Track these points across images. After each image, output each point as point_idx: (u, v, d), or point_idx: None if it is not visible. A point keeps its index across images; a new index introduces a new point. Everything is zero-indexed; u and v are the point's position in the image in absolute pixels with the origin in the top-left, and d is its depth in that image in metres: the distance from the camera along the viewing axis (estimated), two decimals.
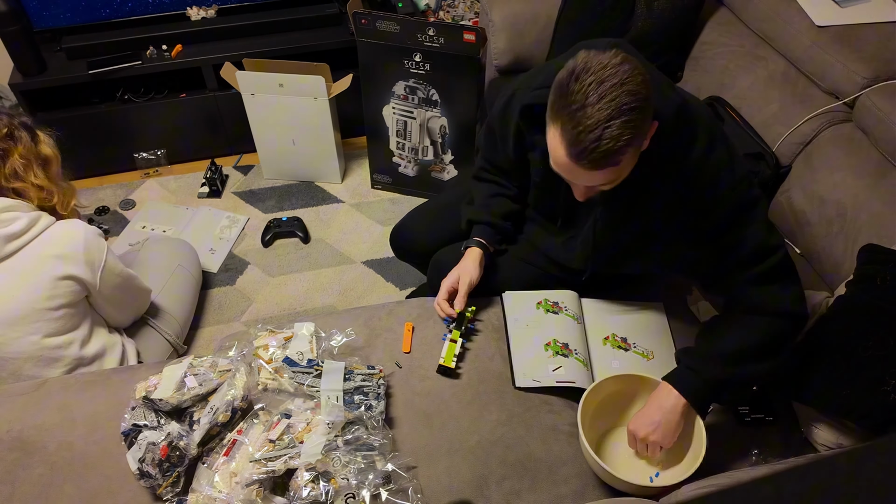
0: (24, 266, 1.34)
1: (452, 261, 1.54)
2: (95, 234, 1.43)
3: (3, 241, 1.32)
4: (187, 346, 1.90)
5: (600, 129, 0.98)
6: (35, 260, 1.35)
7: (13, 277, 1.34)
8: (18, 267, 1.34)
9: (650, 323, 1.51)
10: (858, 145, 1.62)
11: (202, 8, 2.47)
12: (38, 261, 1.35)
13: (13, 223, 1.32)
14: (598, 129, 0.98)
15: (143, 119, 2.47)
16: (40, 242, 1.36)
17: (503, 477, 1.22)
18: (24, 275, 1.34)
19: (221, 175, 2.54)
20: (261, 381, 1.31)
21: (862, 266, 1.28)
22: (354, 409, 1.21)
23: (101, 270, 1.43)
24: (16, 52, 2.22)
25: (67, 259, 1.37)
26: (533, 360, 1.40)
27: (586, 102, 0.98)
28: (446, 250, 1.61)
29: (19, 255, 1.34)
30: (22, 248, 1.34)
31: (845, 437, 1.31)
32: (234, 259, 2.27)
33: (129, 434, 1.19)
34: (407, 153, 2.42)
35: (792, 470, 0.45)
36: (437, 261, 1.62)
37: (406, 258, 1.82)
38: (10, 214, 1.33)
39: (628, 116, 0.97)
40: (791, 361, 1.29)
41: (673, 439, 1.22)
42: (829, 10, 1.80)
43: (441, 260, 1.60)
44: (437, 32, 2.05)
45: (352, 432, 1.16)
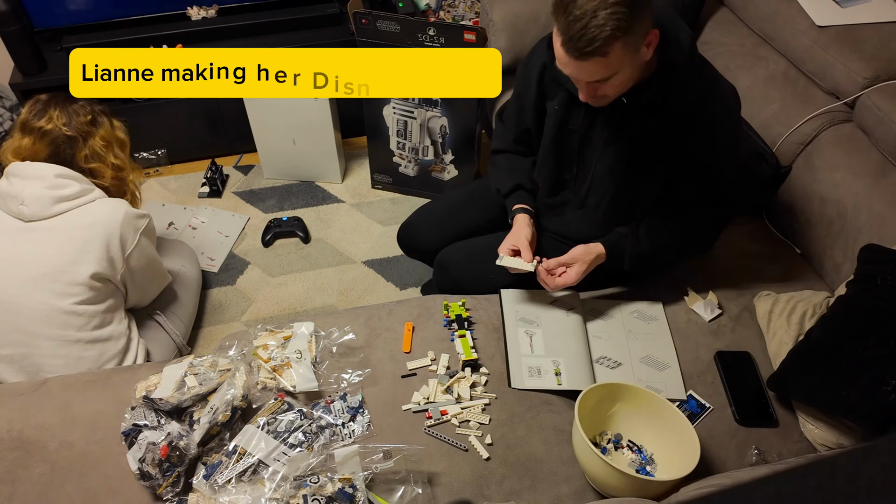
0: (61, 228, 1.42)
1: (458, 260, 1.58)
2: (135, 216, 1.50)
3: (53, 201, 1.41)
4: (190, 346, 1.90)
5: (587, 18, 1.06)
6: (73, 225, 1.42)
7: (49, 237, 1.41)
8: (57, 229, 1.42)
9: (649, 323, 1.51)
10: (859, 145, 1.62)
11: (202, 8, 2.47)
12: (75, 226, 1.43)
13: (67, 187, 1.43)
14: (585, 18, 1.07)
15: (143, 119, 2.47)
16: (82, 211, 1.44)
17: (503, 477, 1.22)
18: (59, 236, 1.42)
19: (222, 175, 2.54)
20: (260, 380, 1.31)
21: (862, 266, 1.28)
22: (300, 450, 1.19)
23: (131, 249, 1.49)
24: (16, 52, 2.22)
25: (103, 230, 1.44)
26: (530, 361, 1.40)
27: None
28: (451, 249, 1.63)
29: (62, 218, 1.42)
30: (66, 212, 1.42)
31: (845, 437, 1.31)
32: (235, 259, 2.27)
33: (130, 434, 1.19)
34: (407, 153, 2.42)
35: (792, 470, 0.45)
36: (442, 260, 1.63)
37: (414, 255, 1.85)
38: (65, 181, 1.43)
39: (614, 9, 1.06)
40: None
41: (577, 276, 1.41)
42: (830, 10, 1.80)
43: (446, 259, 1.62)
44: (437, 32, 2.04)
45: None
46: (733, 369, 1.43)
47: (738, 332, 1.51)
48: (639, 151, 1.34)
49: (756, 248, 1.72)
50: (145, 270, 1.57)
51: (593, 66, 1.13)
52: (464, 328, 1.44)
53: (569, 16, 1.08)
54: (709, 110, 1.29)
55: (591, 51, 1.09)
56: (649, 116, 1.29)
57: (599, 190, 1.43)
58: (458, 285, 1.60)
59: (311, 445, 1.19)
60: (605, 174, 1.40)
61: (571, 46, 1.11)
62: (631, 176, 1.38)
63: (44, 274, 1.40)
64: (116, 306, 1.54)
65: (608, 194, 1.43)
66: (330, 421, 1.26)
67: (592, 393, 1.24)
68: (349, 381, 1.34)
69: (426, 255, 1.76)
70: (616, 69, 1.15)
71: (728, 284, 1.60)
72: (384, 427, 1.28)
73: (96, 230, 1.43)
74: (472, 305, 1.52)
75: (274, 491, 1.10)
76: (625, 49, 1.11)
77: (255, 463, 1.14)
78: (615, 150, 1.36)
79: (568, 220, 1.54)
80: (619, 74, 1.17)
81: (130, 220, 1.49)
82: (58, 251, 1.41)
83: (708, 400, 1.38)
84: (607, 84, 1.19)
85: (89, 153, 1.51)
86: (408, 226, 1.78)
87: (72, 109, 1.50)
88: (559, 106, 1.39)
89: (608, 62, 1.12)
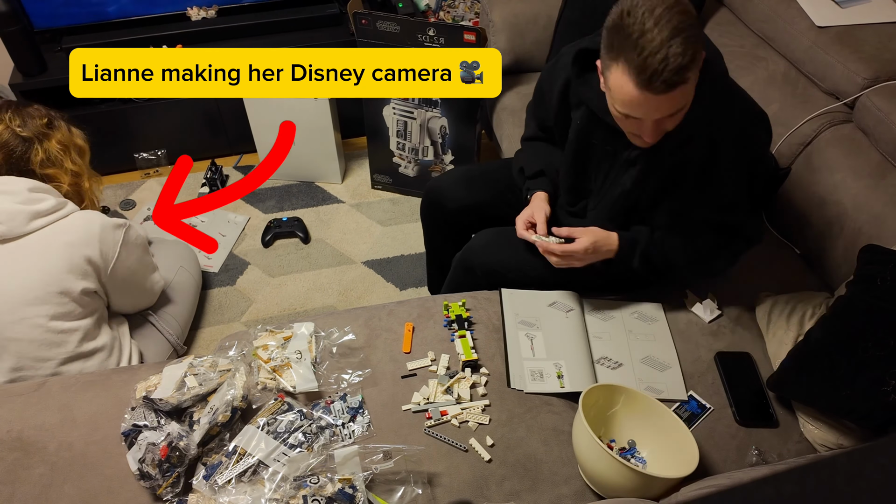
0: (41, 246, 1.38)
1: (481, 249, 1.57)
2: (112, 227, 1.46)
3: (29, 218, 1.36)
4: (187, 346, 1.90)
5: (665, 49, 1.03)
6: (53, 243, 1.38)
7: (30, 257, 1.37)
8: (37, 247, 1.37)
9: (649, 324, 1.51)
10: (858, 146, 1.62)
11: (202, 8, 2.47)
12: (55, 244, 1.38)
13: (41, 202, 1.38)
14: (663, 49, 1.03)
15: (143, 119, 2.47)
16: (60, 227, 1.40)
17: (503, 477, 1.22)
18: (41, 255, 1.37)
19: (222, 175, 2.54)
20: (260, 380, 1.31)
21: (862, 266, 1.28)
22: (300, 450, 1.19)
23: (114, 261, 1.46)
24: (16, 52, 2.22)
25: (83, 246, 1.40)
26: (530, 362, 1.40)
27: (644, 29, 1.04)
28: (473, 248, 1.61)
29: (39, 235, 1.38)
30: (43, 227, 1.38)
31: (845, 437, 1.31)
32: (235, 259, 2.27)
33: (129, 434, 1.19)
34: (407, 153, 2.42)
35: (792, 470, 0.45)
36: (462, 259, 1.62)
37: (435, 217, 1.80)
38: (40, 195, 1.39)
39: (687, 33, 1.04)
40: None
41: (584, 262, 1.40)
42: (830, 10, 1.80)
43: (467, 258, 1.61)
44: (437, 33, 2.05)
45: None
46: (733, 370, 1.43)
47: (738, 332, 1.51)
48: (662, 171, 1.31)
49: (756, 249, 1.71)
50: (130, 280, 1.55)
51: (676, 97, 1.09)
52: (464, 328, 1.44)
53: (643, 51, 1.04)
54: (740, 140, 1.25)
55: (677, 80, 1.05)
56: (678, 142, 1.25)
57: (616, 205, 1.42)
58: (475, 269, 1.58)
59: (310, 446, 1.19)
60: (619, 194, 1.39)
61: (655, 81, 1.05)
62: (650, 194, 1.36)
63: (34, 297, 1.36)
64: (104, 315, 1.53)
65: (624, 210, 1.41)
66: (330, 421, 1.26)
67: (594, 392, 1.24)
68: (349, 381, 1.34)
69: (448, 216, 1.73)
70: (690, 97, 1.12)
71: (728, 285, 1.60)
72: (384, 427, 1.28)
73: (77, 247, 1.40)
74: (472, 305, 1.52)
75: (274, 491, 1.10)
76: (696, 73, 1.09)
77: (254, 463, 1.14)
78: (640, 169, 1.33)
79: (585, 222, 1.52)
80: (686, 103, 1.14)
81: (108, 232, 1.45)
82: (43, 272, 1.37)
83: (708, 400, 1.38)
84: (673, 117, 1.15)
85: (45, 157, 1.45)
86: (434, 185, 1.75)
87: (27, 112, 1.46)
88: (581, 120, 1.38)
89: (687, 90, 1.09)
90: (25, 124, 1.43)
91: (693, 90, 1.12)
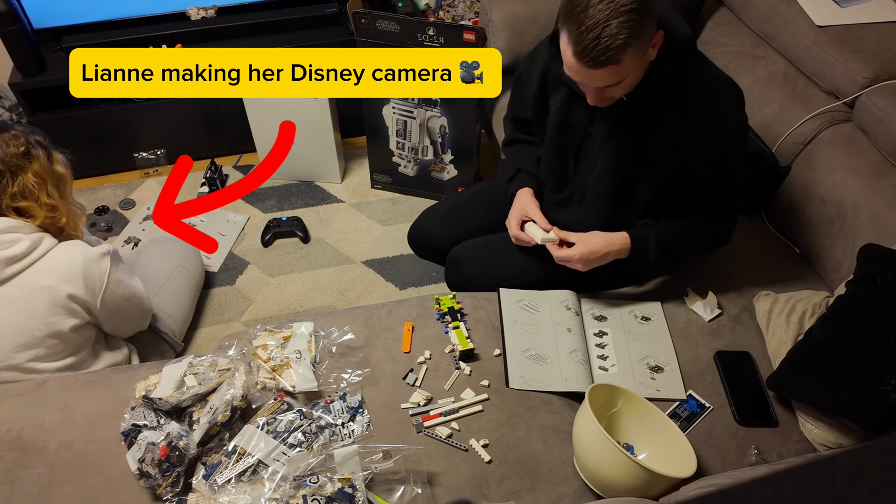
0: (22, 292, 1.30)
1: (471, 257, 1.61)
2: (96, 257, 1.37)
3: (3, 265, 1.27)
4: (184, 344, 1.90)
5: (600, 28, 1.07)
6: (34, 287, 1.30)
7: (11, 304, 1.30)
8: (17, 293, 1.30)
9: (648, 323, 1.51)
10: (858, 145, 1.62)
11: (202, 8, 2.47)
12: (36, 288, 1.30)
13: (14, 245, 1.28)
14: (597, 28, 1.07)
15: (143, 119, 2.47)
16: (40, 268, 1.31)
17: (503, 477, 1.22)
18: (23, 302, 1.30)
19: (221, 175, 2.54)
20: (260, 380, 1.31)
21: (862, 266, 1.28)
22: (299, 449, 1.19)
23: (102, 293, 1.38)
24: (15, 52, 2.22)
25: (65, 284, 1.32)
26: (528, 361, 1.40)
27: (588, 4, 1.07)
28: (462, 246, 1.65)
29: (17, 281, 1.29)
30: (21, 272, 1.29)
31: (845, 437, 1.31)
32: (234, 259, 2.27)
33: (129, 434, 1.19)
34: (407, 153, 2.42)
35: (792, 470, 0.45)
36: (454, 255, 1.64)
37: (426, 255, 1.86)
38: (12, 236, 1.28)
39: (626, 17, 1.06)
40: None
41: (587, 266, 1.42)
42: (829, 10, 1.80)
43: (457, 253, 1.64)
44: (437, 32, 2.04)
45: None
46: (733, 369, 1.43)
47: (738, 332, 1.51)
48: (638, 148, 1.35)
49: (756, 248, 1.72)
50: (124, 307, 1.48)
51: (606, 73, 1.14)
52: (457, 319, 1.45)
53: (581, 26, 1.08)
54: (710, 104, 1.29)
55: (605, 59, 1.10)
56: (649, 112, 1.30)
57: (599, 186, 1.43)
58: (469, 281, 1.61)
59: (310, 445, 1.19)
60: (604, 171, 1.41)
61: (585, 56, 1.11)
62: (630, 172, 1.38)
63: (22, 344, 1.32)
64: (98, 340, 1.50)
65: (607, 191, 1.43)
66: (329, 421, 1.26)
67: (598, 390, 1.24)
68: (349, 381, 1.34)
69: (437, 254, 1.78)
70: (627, 74, 1.16)
71: (728, 284, 1.60)
72: (384, 427, 1.28)
73: (59, 287, 1.31)
74: (471, 304, 1.52)
75: (273, 491, 1.10)
76: (635, 54, 1.13)
77: (254, 463, 1.14)
78: (614, 147, 1.36)
79: (572, 213, 1.54)
80: (629, 77, 1.18)
81: (92, 264, 1.35)
82: (28, 318, 1.30)
83: (708, 400, 1.38)
84: (616, 87, 1.20)
85: (18, 191, 1.31)
86: (417, 226, 1.80)
87: (3, 140, 1.31)
88: (561, 103, 1.40)
89: (620, 69, 1.13)
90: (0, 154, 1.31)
91: (635, 66, 1.17)
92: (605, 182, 1.42)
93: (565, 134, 1.43)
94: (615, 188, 1.42)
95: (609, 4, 1.06)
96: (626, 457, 1.10)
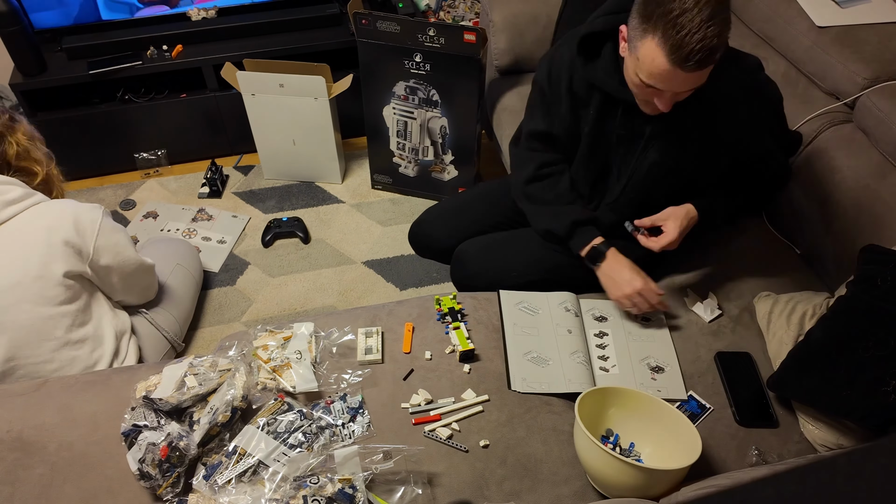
0: (19, 232, 1.39)
1: (476, 254, 1.61)
2: (87, 208, 1.47)
3: (1, 206, 1.37)
4: (185, 344, 1.90)
5: (703, 30, 1.07)
6: (29, 229, 1.39)
7: (6, 244, 1.38)
8: (14, 233, 1.39)
9: (648, 323, 1.51)
10: (859, 146, 1.62)
11: (202, 8, 2.47)
12: (32, 229, 1.40)
13: (10, 192, 1.39)
14: (701, 30, 1.07)
15: (143, 119, 2.47)
16: (35, 212, 1.41)
17: (503, 477, 1.22)
18: (17, 242, 1.39)
19: (222, 175, 2.54)
20: (260, 381, 1.31)
21: (862, 267, 1.28)
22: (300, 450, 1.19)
23: (95, 238, 1.46)
24: (16, 53, 2.22)
25: (59, 229, 1.41)
26: (530, 363, 1.40)
27: (685, 7, 1.08)
28: (469, 243, 1.65)
29: (14, 222, 1.39)
30: (18, 214, 1.39)
31: (845, 437, 1.30)
32: (235, 259, 2.27)
33: (129, 434, 1.19)
34: (407, 153, 2.42)
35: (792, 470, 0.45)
36: (461, 252, 1.65)
37: (427, 254, 1.85)
38: (6, 187, 1.40)
39: (723, 15, 1.09)
40: None
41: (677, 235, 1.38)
42: (830, 10, 1.80)
43: (465, 251, 1.64)
44: (437, 33, 2.05)
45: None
46: (733, 370, 1.43)
47: (738, 332, 1.51)
48: (683, 143, 1.35)
49: (756, 249, 1.72)
50: (123, 263, 1.53)
51: (703, 75, 1.15)
52: (457, 320, 1.45)
53: (681, 29, 1.08)
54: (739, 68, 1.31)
55: (708, 60, 1.11)
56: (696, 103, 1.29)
57: (635, 188, 1.44)
58: (473, 279, 1.60)
59: (310, 446, 1.19)
60: (644, 172, 1.41)
61: (688, 60, 1.10)
62: (678, 169, 1.39)
63: (16, 283, 1.37)
64: (95, 302, 1.53)
65: (645, 192, 1.44)
66: (330, 421, 1.26)
67: (589, 397, 1.23)
68: (349, 381, 1.34)
69: (437, 254, 1.77)
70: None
71: (728, 285, 1.60)
72: (384, 427, 1.28)
73: (54, 229, 1.41)
74: (471, 304, 1.52)
75: (274, 491, 1.10)
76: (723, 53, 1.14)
77: (254, 463, 1.14)
78: (663, 146, 1.36)
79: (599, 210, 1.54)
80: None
81: (84, 212, 1.46)
82: (22, 258, 1.38)
83: (708, 400, 1.38)
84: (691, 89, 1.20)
85: (17, 150, 1.47)
86: (419, 224, 1.80)
87: None
88: (594, 110, 1.38)
89: (710, 69, 1.15)
90: None
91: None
92: (645, 183, 1.42)
93: (602, 140, 1.42)
94: (653, 188, 1.42)
95: (706, 5, 1.07)
96: (623, 462, 1.10)
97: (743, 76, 1.31)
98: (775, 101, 1.40)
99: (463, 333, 1.41)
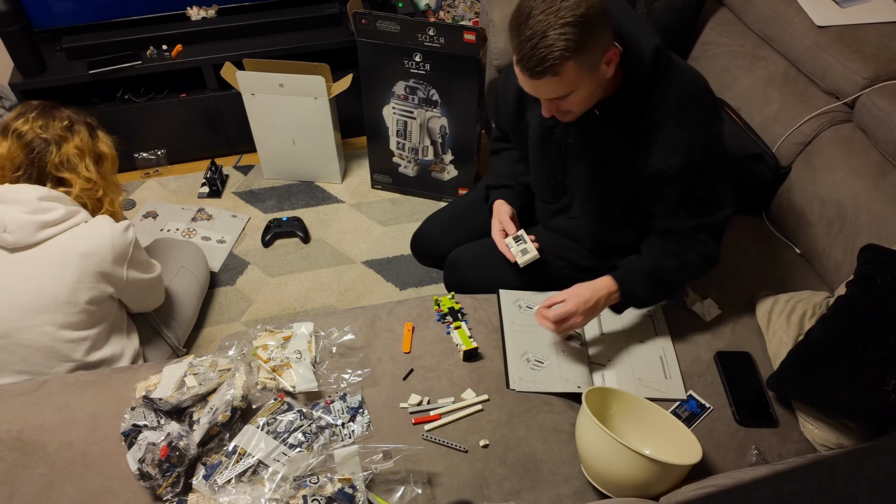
0: (54, 256, 1.39)
1: (471, 261, 1.61)
2: (122, 230, 1.47)
3: (38, 227, 1.37)
4: (187, 348, 1.90)
5: (537, 39, 1.07)
6: (64, 252, 1.39)
7: (42, 266, 1.38)
8: (49, 256, 1.39)
9: (648, 323, 1.51)
10: (859, 146, 1.62)
11: (202, 8, 2.47)
12: (67, 254, 1.39)
13: (51, 211, 1.39)
14: (535, 39, 1.08)
15: (143, 119, 2.47)
16: (71, 236, 1.40)
17: (503, 477, 1.22)
18: (53, 265, 1.38)
19: (221, 175, 2.54)
20: (260, 380, 1.31)
21: (862, 266, 1.28)
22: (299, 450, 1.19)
23: (126, 264, 1.47)
24: (16, 52, 2.22)
25: (95, 256, 1.41)
26: (528, 363, 1.40)
27: (530, 15, 1.08)
28: (461, 249, 1.64)
29: (50, 244, 1.39)
30: (53, 237, 1.39)
31: (845, 437, 1.31)
32: (234, 259, 2.27)
33: (129, 434, 1.19)
34: (407, 153, 2.42)
35: (792, 470, 0.45)
36: (453, 258, 1.64)
37: (429, 262, 1.85)
38: (50, 204, 1.39)
39: (563, 30, 1.06)
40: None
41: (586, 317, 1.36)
42: (830, 10, 1.80)
43: (457, 257, 1.63)
44: (437, 32, 2.05)
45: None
46: (733, 369, 1.43)
47: (738, 332, 1.51)
48: (609, 161, 1.33)
49: (756, 248, 1.72)
50: (142, 281, 1.55)
51: (547, 84, 1.14)
52: (458, 319, 1.45)
53: (521, 35, 1.10)
54: (682, 116, 1.25)
55: (542, 70, 1.10)
56: (618, 126, 1.28)
57: (584, 195, 1.43)
58: (467, 285, 1.60)
59: (310, 446, 1.19)
60: (585, 181, 1.40)
61: (524, 65, 1.12)
62: (609, 186, 1.37)
63: (43, 306, 1.38)
64: (115, 322, 1.53)
65: (592, 200, 1.42)
66: (330, 421, 1.26)
67: (593, 394, 1.24)
68: (349, 381, 1.34)
69: (440, 262, 1.76)
70: (572, 87, 1.15)
71: (728, 284, 1.60)
72: (384, 427, 1.28)
73: (89, 256, 1.40)
74: (471, 304, 1.52)
75: (274, 491, 1.10)
76: (579, 68, 1.11)
77: (254, 463, 1.14)
78: (589, 160, 1.36)
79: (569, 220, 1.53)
80: (578, 92, 1.17)
81: (119, 236, 1.45)
82: (54, 282, 1.38)
83: (708, 400, 1.38)
84: (567, 101, 1.19)
85: (60, 161, 1.45)
86: (420, 233, 1.79)
87: (51, 115, 1.48)
88: (540, 116, 1.37)
89: (561, 81, 1.13)
90: (47, 127, 1.46)
91: (582, 81, 1.14)
92: (589, 191, 1.41)
93: (549, 146, 1.42)
94: (598, 198, 1.41)
95: (548, 16, 1.06)
96: (632, 451, 1.09)
97: (689, 134, 1.24)
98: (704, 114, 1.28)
99: (465, 333, 1.41)
